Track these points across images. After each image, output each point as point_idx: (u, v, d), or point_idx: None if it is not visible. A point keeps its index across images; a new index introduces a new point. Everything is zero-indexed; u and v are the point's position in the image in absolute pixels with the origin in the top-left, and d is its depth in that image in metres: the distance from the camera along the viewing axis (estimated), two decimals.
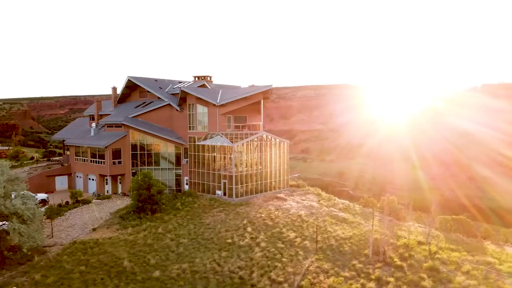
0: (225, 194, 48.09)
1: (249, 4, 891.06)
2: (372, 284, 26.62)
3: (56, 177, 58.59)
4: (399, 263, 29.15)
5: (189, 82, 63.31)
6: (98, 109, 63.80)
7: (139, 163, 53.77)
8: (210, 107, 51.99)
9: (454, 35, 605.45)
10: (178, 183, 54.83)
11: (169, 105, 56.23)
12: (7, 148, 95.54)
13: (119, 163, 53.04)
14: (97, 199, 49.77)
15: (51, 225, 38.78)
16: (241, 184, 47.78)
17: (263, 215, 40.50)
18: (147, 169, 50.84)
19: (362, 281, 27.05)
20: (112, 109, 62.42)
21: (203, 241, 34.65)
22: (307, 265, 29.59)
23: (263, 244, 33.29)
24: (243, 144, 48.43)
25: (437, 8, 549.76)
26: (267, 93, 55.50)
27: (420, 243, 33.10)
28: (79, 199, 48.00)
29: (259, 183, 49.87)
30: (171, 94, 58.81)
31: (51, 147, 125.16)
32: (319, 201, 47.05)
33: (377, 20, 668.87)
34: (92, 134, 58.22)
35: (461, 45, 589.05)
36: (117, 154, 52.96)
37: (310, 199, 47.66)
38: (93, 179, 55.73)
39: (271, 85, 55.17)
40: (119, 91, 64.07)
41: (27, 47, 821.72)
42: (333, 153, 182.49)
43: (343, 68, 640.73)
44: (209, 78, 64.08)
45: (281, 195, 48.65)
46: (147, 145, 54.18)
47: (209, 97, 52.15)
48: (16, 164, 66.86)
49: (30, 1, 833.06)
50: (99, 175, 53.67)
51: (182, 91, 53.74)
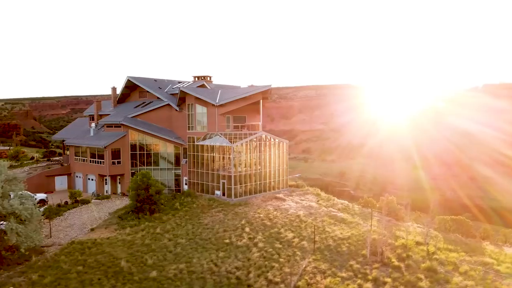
0: (224, 194, 48.06)
1: (249, 4, 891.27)
2: (369, 284, 26.58)
3: (55, 177, 58.65)
4: (396, 263, 29.10)
5: (189, 82, 63.28)
6: (97, 109, 63.87)
7: (138, 163, 53.78)
8: (209, 107, 51.99)
9: (455, 35, 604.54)
10: (177, 183, 54.82)
11: (169, 105, 56.25)
12: (7, 148, 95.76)
13: (119, 163, 53.07)
14: (96, 199, 49.85)
15: (50, 225, 38.85)
16: (240, 184, 47.74)
17: (261, 215, 40.46)
18: (147, 169, 50.81)
19: (359, 281, 27.02)
20: (111, 109, 62.47)
21: (201, 241, 34.65)
22: (304, 266, 29.55)
23: (260, 244, 33.26)
24: (242, 144, 48.40)
25: (438, 8, 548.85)
26: (266, 93, 55.50)
27: (418, 243, 33.04)
28: (78, 199, 48.07)
29: (258, 183, 49.81)
30: (171, 94, 58.80)
31: (53, 147, 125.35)
32: (318, 201, 46.95)
33: (378, 20, 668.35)
34: (91, 134, 58.30)
35: (462, 45, 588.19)
36: (116, 154, 52.99)
37: (309, 199, 47.58)
38: (92, 179, 55.79)
39: (270, 85, 55.15)
40: (118, 91, 64.11)
41: (29, 47, 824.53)
42: (334, 153, 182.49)
43: (344, 68, 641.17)
44: (209, 78, 64.00)
45: (280, 195, 48.59)
46: (146, 145, 54.20)
47: (208, 97, 52.15)
48: (16, 164, 67.02)
49: (32, 2, 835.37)
50: (99, 175, 53.73)
51: (181, 91, 53.76)
